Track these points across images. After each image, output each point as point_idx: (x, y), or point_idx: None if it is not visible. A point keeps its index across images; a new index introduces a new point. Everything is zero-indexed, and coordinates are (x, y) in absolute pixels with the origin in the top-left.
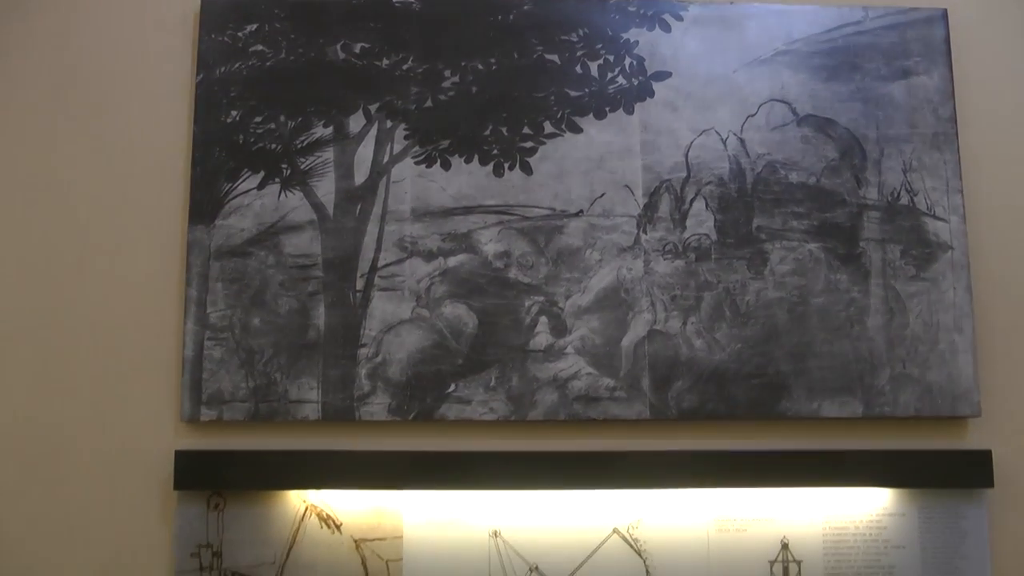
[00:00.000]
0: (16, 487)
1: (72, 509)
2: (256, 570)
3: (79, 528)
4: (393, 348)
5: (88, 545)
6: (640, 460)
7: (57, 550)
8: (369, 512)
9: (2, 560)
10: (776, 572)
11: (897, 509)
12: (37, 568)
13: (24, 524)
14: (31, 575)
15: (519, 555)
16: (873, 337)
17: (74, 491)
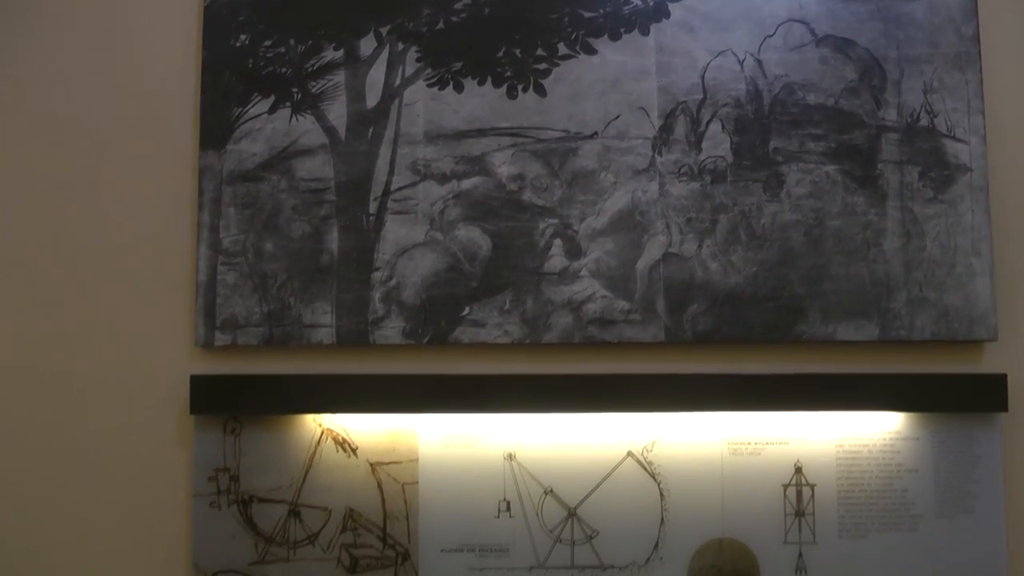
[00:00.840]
0: (33, 415)
1: (89, 435)
2: (273, 493)
3: (97, 454)
4: (407, 271)
5: (106, 471)
6: (655, 383)
7: (75, 477)
8: (385, 435)
9: (21, 488)
10: (789, 495)
11: (911, 433)
12: (55, 495)
13: (42, 452)
14: (49, 503)
15: (534, 478)
16: (889, 260)
17: (91, 417)
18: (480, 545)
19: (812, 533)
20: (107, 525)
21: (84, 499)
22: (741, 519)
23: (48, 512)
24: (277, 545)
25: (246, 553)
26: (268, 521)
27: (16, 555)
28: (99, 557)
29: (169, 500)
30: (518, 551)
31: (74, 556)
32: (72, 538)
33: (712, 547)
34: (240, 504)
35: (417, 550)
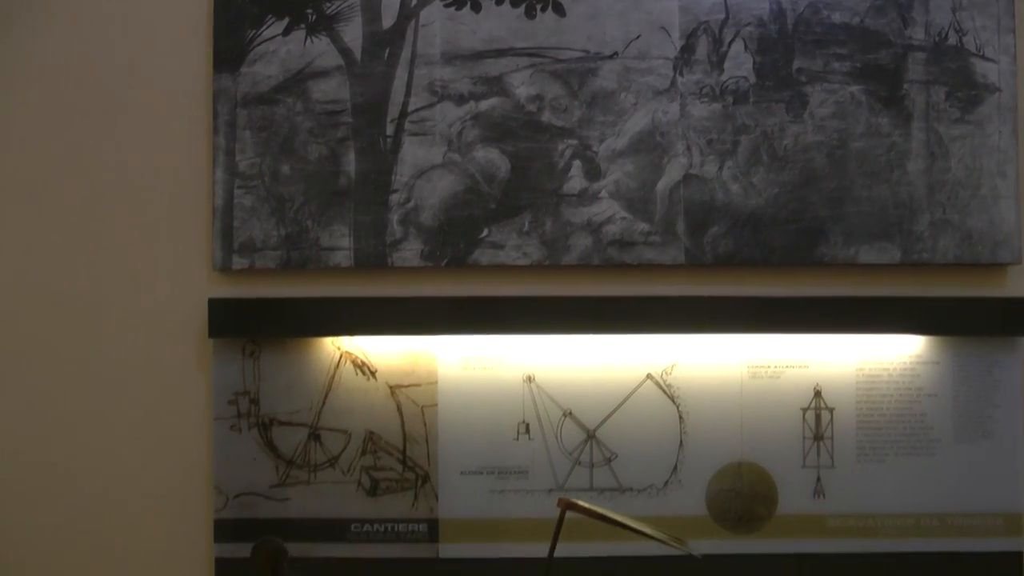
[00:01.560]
0: (53, 341)
1: (109, 361)
2: (293, 416)
3: (117, 379)
4: (425, 193)
5: (127, 396)
6: (674, 305)
7: (96, 402)
8: (403, 358)
9: (42, 413)
10: (808, 419)
11: (931, 357)
12: (76, 420)
13: (62, 378)
14: (70, 429)
15: (553, 400)
16: (913, 182)
17: (111, 343)
18: (499, 468)
19: (830, 457)
20: (128, 449)
21: (105, 424)
22: (760, 443)
23: (69, 438)
24: (298, 468)
25: (267, 476)
26: (288, 444)
27: (37, 479)
28: (121, 481)
29: (190, 424)
30: (537, 473)
31: (96, 481)
32: (94, 463)
33: (730, 471)
34: (260, 427)
35: (437, 472)
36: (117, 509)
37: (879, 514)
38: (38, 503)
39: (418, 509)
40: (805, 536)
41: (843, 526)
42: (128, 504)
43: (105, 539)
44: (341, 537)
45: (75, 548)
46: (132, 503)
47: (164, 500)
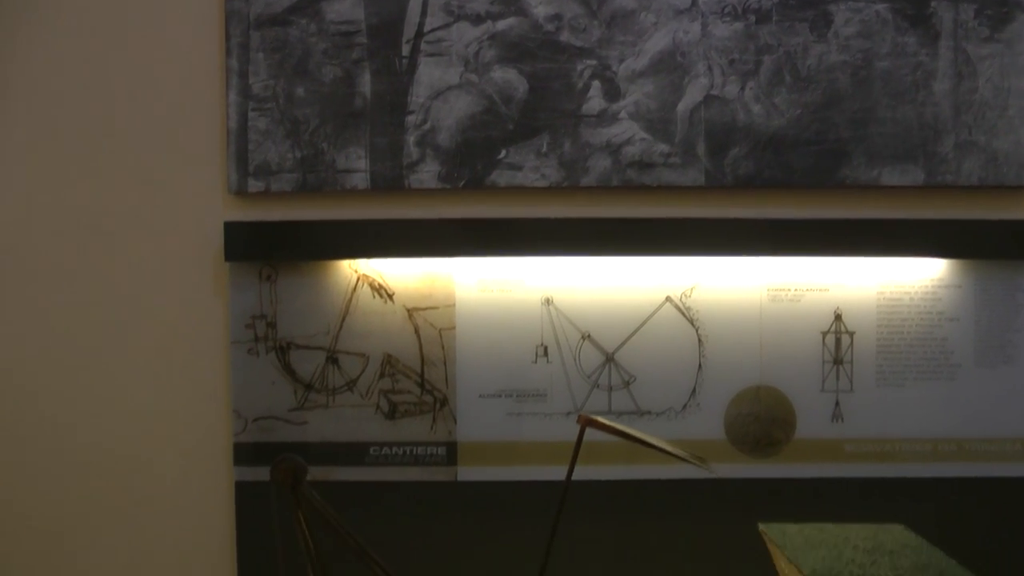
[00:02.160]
0: (68, 265)
1: (125, 286)
2: (311, 340)
3: (134, 304)
4: (442, 115)
5: (144, 320)
6: (694, 227)
7: (113, 328)
8: (421, 281)
9: (57, 337)
10: (828, 343)
11: (953, 280)
12: (93, 346)
13: (79, 302)
14: (87, 354)
15: (571, 322)
16: (939, 102)
17: (126, 268)
18: (517, 391)
19: (849, 381)
20: (146, 374)
21: (122, 349)
22: (779, 366)
23: (87, 364)
24: (316, 392)
25: (285, 400)
26: (306, 368)
27: (54, 405)
28: (139, 406)
29: (208, 348)
30: (555, 396)
31: (114, 406)
32: (111, 389)
33: (749, 394)
34: (278, 351)
35: (455, 395)
36: (136, 434)
37: (897, 439)
38: (55, 428)
39: (436, 432)
40: (823, 460)
41: (861, 451)
42: (147, 429)
43: (125, 464)
44: (359, 460)
45: (95, 474)
46: (151, 428)
47: (183, 425)
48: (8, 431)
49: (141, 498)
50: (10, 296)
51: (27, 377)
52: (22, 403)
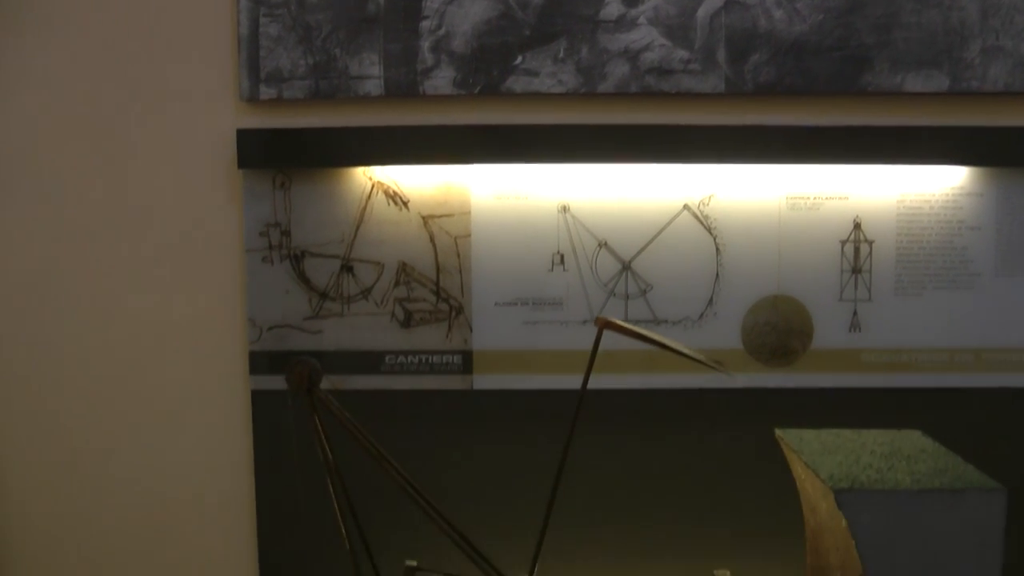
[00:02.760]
0: (82, 173)
1: (138, 194)
2: (325, 248)
3: (146, 212)
4: (456, 20)
5: (157, 228)
6: (713, 134)
7: (125, 235)
8: (436, 190)
9: (71, 244)
10: (847, 252)
11: (975, 189)
12: (107, 251)
13: (91, 211)
14: (99, 263)
15: (588, 230)
16: (965, 6)
17: (139, 177)
18: (533, 299)
19: (868, 290)
20: (160, 284)
21: (136, 258)
22: (797, 276)
23: (101, 271)
24: (331, 300)
25: (300, 308)
26: (321, 276)
27: (66, 310)
28: (153, 314)
29: (222, 257)
30: (572, 304)
31: (128, 313)
32: (125, 296)
33: (766, 304)
34: (292, 259)
35: (470, 304)
36: (152, 344)
37: (915, 348)
38: (69, 336)
39: (452, 341)
40: (840, 370)
41: (878, 360)
42: (163, 339)
43: (141, 375)
44: (375, 369)
45: (111, 385)
46: (166, 338)
47: (198, 334)
48: (24, 339)
49: (158, 408)
50: (23, 204)
51: (41, 284)
52: (36, 309)
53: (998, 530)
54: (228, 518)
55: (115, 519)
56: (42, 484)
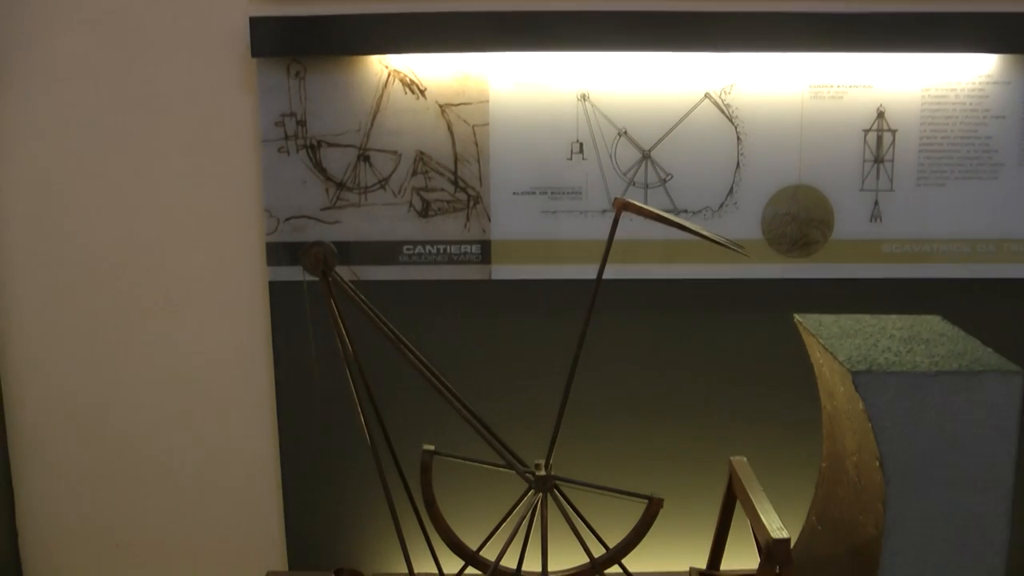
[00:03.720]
0: (94, 65)
1: (150, 84)
2: (341, 137)
3: (158, 101)
4: None
5: (171, 119)
6: (735, 21)
7: (139, 127)
8: (454, 77)
9: (82, 131)
10: (870, 141)
11: (1002, 77)
12: (123, 143)
13: (104, 102)
14: (116, 152)
15: (607, 119)
16: None
17: (151, 65)
18: (552, 188)
19: (890, 180)
20: (176, 175)
21: (151, 149)
22: (818, 165)
23: (117, 164)
24: (348, 190)
25: (317, 199)
26: (338, 166)
27: (84, 203)
28: (170, 204)
29: (237, 147)
30: (591, 194)
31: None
32: (141, 189)
33: (787, 194)
34: (309, 149)
35: (489, 193)
36: (168, 236)
37: (936, 239)
38: (86, 227)
39: (470, 230)
40: (860, 261)
41: (898, 251)
42: (179, 231)
43: (157, 266)
44: (393, 259)
45: (129, 275)
46: (183, 230)
47: (215, 226)
48: (42, 232)
49: (176, 300)
50: (35, 96)
51: (56, 180)
52: (53, 204)
53: (1015, 413)
54: (247, 408)
55: (129, 410)
56: (61, 371)
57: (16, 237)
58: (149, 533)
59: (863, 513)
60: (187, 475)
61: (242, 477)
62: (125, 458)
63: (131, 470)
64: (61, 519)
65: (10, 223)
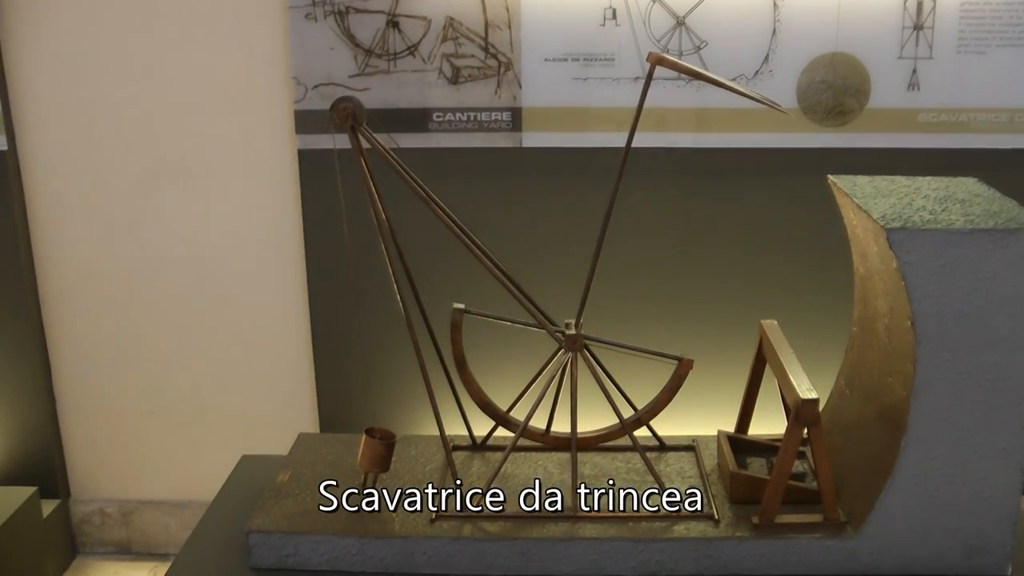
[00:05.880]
0: None
1: None
2: (370, 3)
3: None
4: None
5: None
6: None
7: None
8: None
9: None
10: (909, 7)
11: None
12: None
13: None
14: (141, 28)
15: None
16: None
17: None
18: (584, 54)
19: (929, 47)
20: (202, 41)
21: (178, 18)
22: (856, 32)
23: (142, 34)
24: (376, 57)
25: (345, 65)
26: (366, 32)
27: (111, 72)
28: (198, 73)
29: (264, 13)
30: (623, 61)
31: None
32: (167, 57)
33: (824, 61)
34: (336, 15)
35: (520, 59)
36: (195, 103)
37: (974, 108)
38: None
39: (501, 97)
40: (896, 130)
41: (936, 120)
42: (207, 98)
43: (186, 136)
44: (422, 127)
45: (155, 144)
46: (211, 97)
47: (243, 93)
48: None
49: (206, 168)
50: None
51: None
52: (83, 73)
53: None
54: (278, 275)
55: (161, 281)
56: (92, 243)
57: (43, 112)
58: (182, 401)
59: (892, 375)
60: (219, 343)
61: (274, 343)
62: (157, 328)
63: (163, 339)
64: (97, 389)
65: (37, 96)
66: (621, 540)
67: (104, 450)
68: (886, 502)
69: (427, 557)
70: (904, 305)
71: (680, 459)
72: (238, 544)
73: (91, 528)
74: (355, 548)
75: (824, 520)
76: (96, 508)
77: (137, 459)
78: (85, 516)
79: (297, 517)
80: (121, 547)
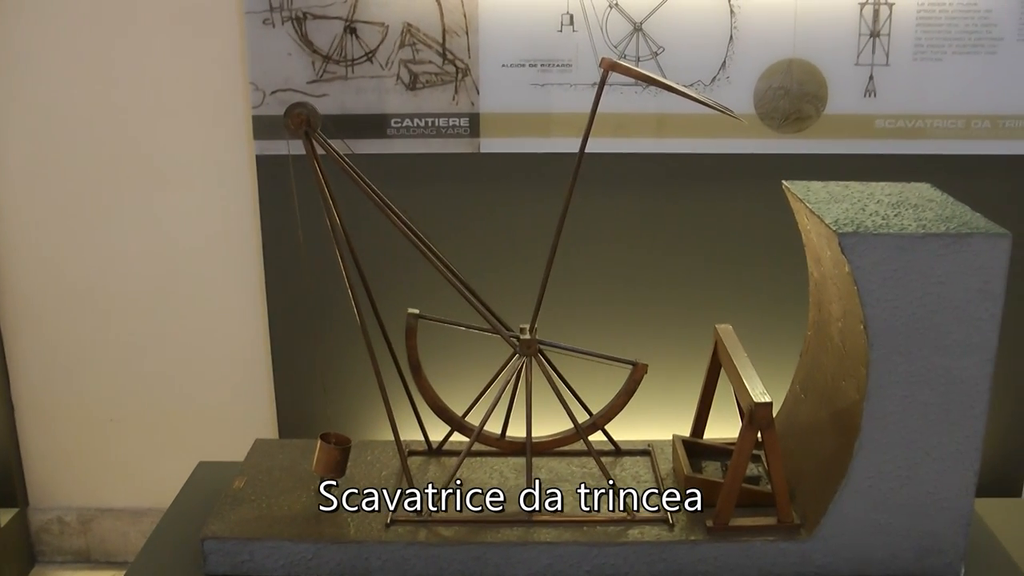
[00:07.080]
0: None
1: None
2: (328, 10)
3: (144, 27)
4: None
5: None
6: None
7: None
8: None
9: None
10: (865, 14)
11: None
12: (104, 14)
13: None
14: (96, 27)
15: None
16: None
17: None
18: (542, 60)
19: (885, 55)
20: (159, 47)
21: (134, 22)
22: (813, 39)
23: (97, 35)
24: (334, 63)
25: (303, 71)
26: (324, 38)
27: (67, 76)
28: (153, 77)
29: (221, 19)
30: (580, 67)
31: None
32: (124, 60)
33: (780, 68)
34: (294, 21)
35: (477, 65)
36: (151, 106)
37: (931, 115)
38: (70, 98)
39: (459, 103)
40: (853, 136)
41: (892, 127)
42: (163, 106)
43: (144, 140)
44: (381, 133)
45: (114, 152)
46: (167, 105)
47: (200, 100)
48: (29, 105)
49: (163, 173)
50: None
51: (39, 53)
52: (39, 76)
53: (1001, 276)
54: (235, 280)
55: (120, 286)
56: (51, 247)
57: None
58: (142, 407)
59: (846, 379)
60: (178, 349)
61: (232, 349)
62: (116, 334)
63: (122, 345)
64: (55, 396)
65: None
66: (576, 544)
67: (63, 458)
68: (840, 504)
69: (382, 562)
70: (857, 309)
71: (636, 463)
72: (193, 551)
73: (50, 537)
74: (310, 554)
75: (778, 523)
76: (55, 516)
77: (96, 466)
78: (43, 524)
79: (252, 523)
80: (80, 556)
